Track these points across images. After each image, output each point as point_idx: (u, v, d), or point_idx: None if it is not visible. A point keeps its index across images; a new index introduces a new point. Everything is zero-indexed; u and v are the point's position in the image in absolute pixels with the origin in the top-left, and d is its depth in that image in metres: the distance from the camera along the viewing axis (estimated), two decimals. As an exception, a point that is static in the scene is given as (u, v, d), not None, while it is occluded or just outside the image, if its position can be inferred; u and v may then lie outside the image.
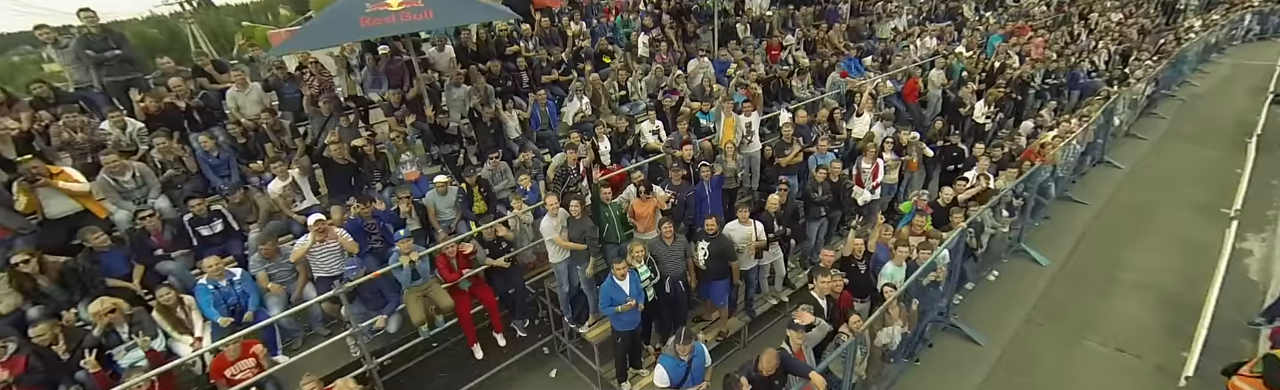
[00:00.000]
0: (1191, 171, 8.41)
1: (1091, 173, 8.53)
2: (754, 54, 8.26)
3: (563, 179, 4.59)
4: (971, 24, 12.11)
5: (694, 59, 7.43)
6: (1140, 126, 10.46)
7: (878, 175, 5.89)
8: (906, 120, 8.86)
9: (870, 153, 5.83)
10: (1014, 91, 9.21)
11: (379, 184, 4.75)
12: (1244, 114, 10.53)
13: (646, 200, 4.54)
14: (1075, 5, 15.03)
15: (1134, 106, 9.73)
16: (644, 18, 8.40)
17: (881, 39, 10.79)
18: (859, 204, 5.99)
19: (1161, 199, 7.56)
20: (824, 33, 9.75)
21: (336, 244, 3.88)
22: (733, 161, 5.39)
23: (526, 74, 6.48)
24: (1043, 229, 6.89)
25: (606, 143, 5.62)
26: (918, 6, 12.98)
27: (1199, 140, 9.73)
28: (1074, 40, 12.49)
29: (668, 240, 4.13)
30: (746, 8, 10.02)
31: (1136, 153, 9.31)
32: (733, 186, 5.52)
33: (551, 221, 4.08)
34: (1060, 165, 6.94)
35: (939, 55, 9.69)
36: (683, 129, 5.49)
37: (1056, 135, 6.96)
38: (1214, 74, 14.19)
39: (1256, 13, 16.33)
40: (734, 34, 9.01)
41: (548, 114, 5.92)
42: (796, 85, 7.97)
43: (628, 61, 7.21)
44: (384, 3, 4.21)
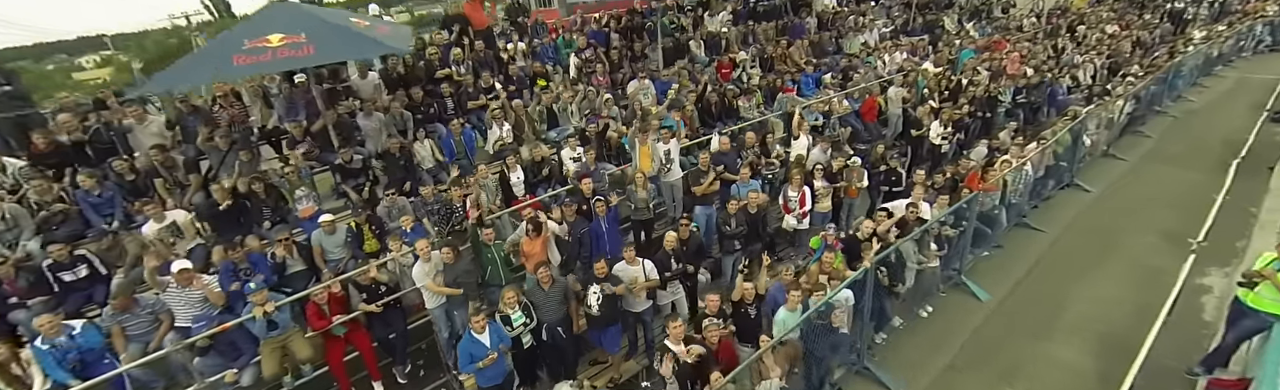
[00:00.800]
0: (1166, 196, 8.14)
1: (1058, 197, 8.31)
2: (702, 73, 8.20)
3: (448, 218, 4.54)
4: (948, 38, 11.96)
5: (634, 80, 7.40)
6: (1122, 146, 10.19)
7: (805, 204, 5.78)
8: (865, 140, 8.75)
9: (795, 180, 5.72)
10: (979, 110, 9.06)
11: (268, 223, 4.74)
12: (1237, 133, 10.23)
13: (535, 239, 4.47)
14: (1065, 17, 14.76)
15: (1111, 126, 9.48)
16: (588, 37, 8.40)
17: (848, 54, 10.71)
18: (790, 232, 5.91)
19: (1126, 226, 7.32)
20: (783, 49, 9.69)
21: (200, 292, 3.86)
22: (644, 192, 5.32)
23: (452, 100, 6.49)
24: (992, 259, 6.68)
25: (519, 173, 5.58)
26: (893, 19, 12.89)
27: (1182, 161, 9.44)
28: (1058, 54, 12.30)
29: (544, 285, 4.06)
30: (703, 24, 10.02)
31: (1111, 175, 9.05)
32: (646, 217, 5.43)
33: (423, 267, 4.03)
34: (1011, 192, 6.76)
35: (903, 71, 9.56)
36: (590, 159, 5.42)
37: (1005, 160, 6.79)
38: (1214, 88, 13.84)
39: (1268, 23, 15.91)
40: (686, 52, 8.98)
41: (464, 143, 5.90)
42: (744, 105, 7.90)
43: (565, 84, 7.21)
44: (264, 39, 4.25)
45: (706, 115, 7.47)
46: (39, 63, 59.17)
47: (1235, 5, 18.03)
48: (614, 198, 4.95)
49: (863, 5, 13.04)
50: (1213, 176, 8.56)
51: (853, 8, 12.77)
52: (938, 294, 5.99)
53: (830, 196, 6.02)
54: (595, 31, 8.59)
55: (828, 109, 8.13)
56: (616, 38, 8.71)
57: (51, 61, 60.11)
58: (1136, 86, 10.07)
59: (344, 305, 4.13)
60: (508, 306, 3.93)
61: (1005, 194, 6.63)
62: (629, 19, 9.19)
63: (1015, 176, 6.75)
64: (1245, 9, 17.39)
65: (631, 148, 5.60)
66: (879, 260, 4.64)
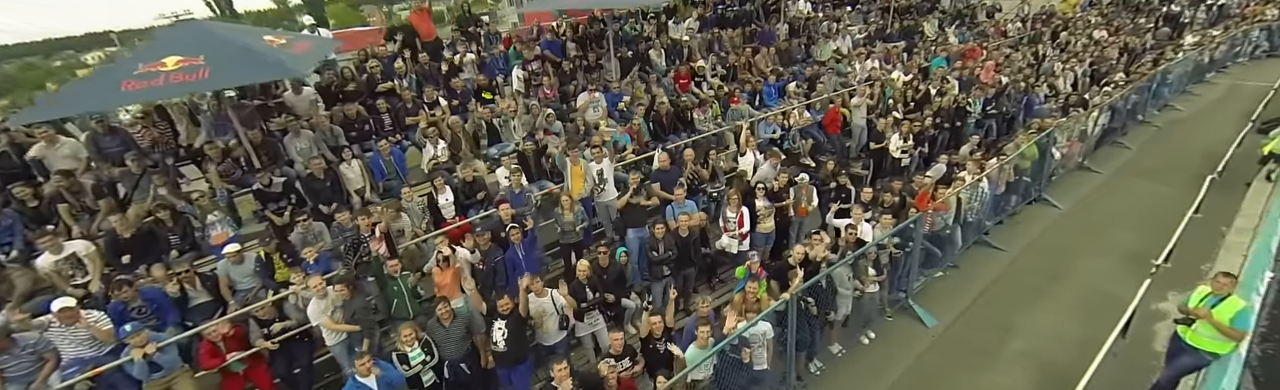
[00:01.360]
0: (1136, 213, 7.97)
1: (1025, 212, 8.15)
2: (659, 83, 8.06)
3: (354, 248, 4.42)
4: (924, 45, 11.77)
5: (584, 93, 7.27)
6: (1099, 158, 10.02)
7: (744, 224, 5.63)
8: (827, 152, 8.59)
9: (733, 200, 5.58)
10: (945, 122, 8.89)
11: (176, 251, 4.63)
12: (1220, 144, 9.97)
13: (445, 270, 4.35)
14: (1049, 23, 14.51)
15: (1085, 138, 9.29)
16: (542, 46, 8.27)
17: (818, 62, 10.55)
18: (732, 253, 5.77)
19: (1089, 246, 7.16)
20: (748, 57, 9.53)
21: (85, 331, 3.75)
22: (571, 215, 5.19)
23: (390, 116, 6.36)
24: (946, 280, 6.54)
25: (448, 194, 5.46)
26: (870, 25, 12.70)
27: (1158, 175, 9.26)
28: (1039, 61, 12.10)
29: (444, 321, 3.94)
30: (667, 31, 9.86)
31: (1083, 189, 8.89)
32: (574, 240, 5.30)
33: (319, 304, 3.92)
34: (967, 210, 6.60)
35: (869, 80, 9.38)
36: (516, 180, 5.28)
37: (959, 176, 6.63)
38: (1205, 96, 13.62)
39: (1265, 28, 15.63)
40: (646, 61, 8.84)
41: (393, 163, 5.77)
42: (699, 117, 7.75)
43: (511, 97, 7.07)
44: (159, 62, 4.13)
45: (659, 128, 7.33)
46: (47, 58, 59.94)
47: (1234, 9, 17.74)
48: (530, 221, 4.81)
49: (839, 10, 12.84)
50: (1188, 191, 8.31)
51: (828, 13, 12.58)
52: (883, 319, 5.87)
53: (773, 216, 5.87)
54: (550, 41, 8.45)
55: (786, 121, 7.99)
56: (573, 47, 8.57)
57: (59, 57, 60.83)
58: (1113, 97, 9.89)
59: (243, 341, 4.03)
60: (405, 344, 3.82)
61: (960, 212, 6.49)
62: (588, 27, 9.04)
63: (971, 194, 6.60)
64: (1244, 13, 17.13)
65: (562, 168, 5.47)
66: (807, 288, 4.51)
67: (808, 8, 12.46)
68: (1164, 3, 18.25)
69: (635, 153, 6.67)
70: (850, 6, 13.27)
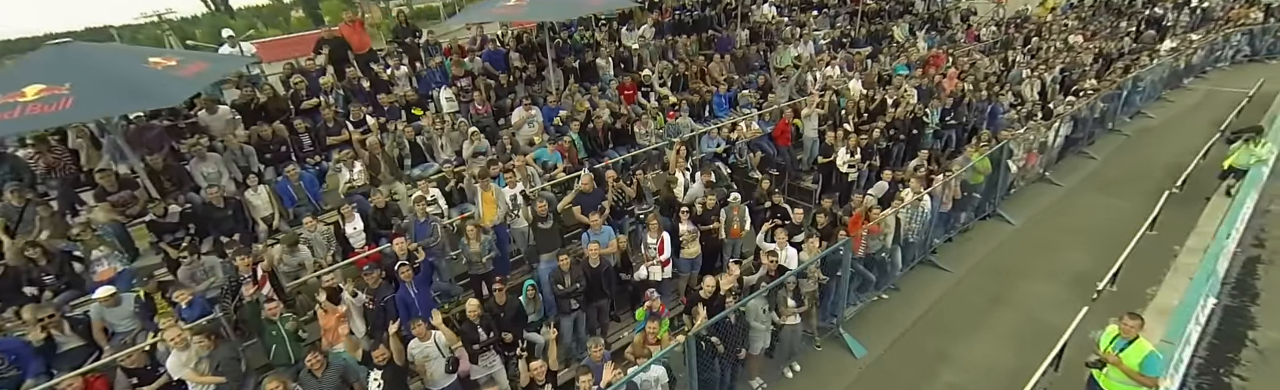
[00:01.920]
0: (1090, 229, 7.78)
1: (977, 229, 7.96)
2: (601, 95, 7.80)
3: (233, 291, 4.17)
4: (890, 50, 11.50)
5: (519, 108, 7.01)
6: (1062, 169, 9.83)
7: (664, 251, 5.42)
8: (777, 165, 8.37)
9: (653, 225, 5.36)
10: (900, 133, 8.67)
11: (49, 292, 4.38)
12: (1187, 155, 9.79)
13: (329, 312, 4.14)
14: (1022, 29, 14.21)
15: (1045, 149, 9.08)
16: (484, 58, 7.98)
17: (777, 69, 10.28)
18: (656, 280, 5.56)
19: (1037, 266, 6.98)
20: (701, 65, 9.25)
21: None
22: (477, 245, 4.96)
23: (309, 135, 6.10)
24: (884, 304, 6.36)
25: (357, 222, 5.23)
26: (838, 29, 12.39)
27: (1119, 188, 9.08)
28: (1008, 68, 11.85)
29: (316, 371, 3.73)
30: (620, 39, 9.59)
31: (1040, 203, 8.69)
32: (482, 271, 5.07)
33: (179, 357, 3.70)
34: (907, 230, 6.40)
35: (824, 89, 9.12)
36: (419, 210, 5.04)
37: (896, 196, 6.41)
38: (1180, 102, 13.42)
39: (1246, 32, 15.38)
40: (593, 71, 8.57)
41: (303, 188, 5.51)
42: (640, 132, 7.50)
43: (438, 115, 6.81)
44: (19, 92, 3.87)
45: (595, 144, 7.09)
46: None
47: (1217, 12, 17.48)
48: (421, 254, 4.54)
49: (804, 14, 12.54)
50: (1147, 206, 8.11)
51: (794, 17, 12.29)
52: (812, 348, 5.68)
53: (698, 240, 5.66)
54: (492, 52, 8.16)
55: (733, 134, 7.75)
56: (516, 58, 8.29)
57: None
58: (1076, 107, 9.67)
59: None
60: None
61: (899, 233, 6.28)
62: (535, 36, 8.76)
63: (911, 214, 6.40)
64: (1229, 15, 16.86)
65: (471, 194, 5.24)
66: (713, 324, 4.32)
67: (772, 12, 12.18)
68: (1147, 5, 18.01)
69: (568, 171, 6.44)
70: (817, 10, 12.97)
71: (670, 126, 7.31)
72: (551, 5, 6.26)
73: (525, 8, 6.26)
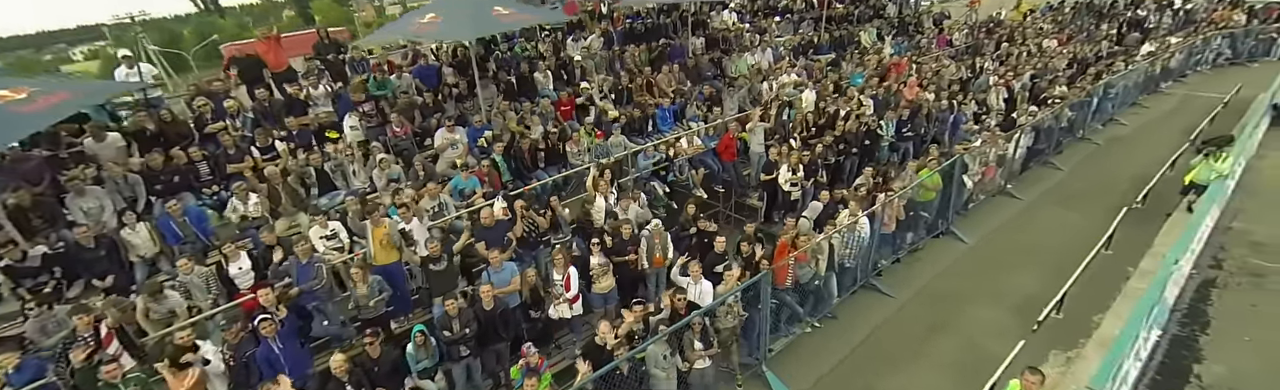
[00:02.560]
0: (1045, 249, 7.46)
1: (928, 247, 7.64)
2: (532, 113, 7.46)
3: (63, 354, 3.77)
4: (852, 58, 11.17)
5: (442, 129, 6.66)
6: (1025, 181, 9.52)
7: (571, 287, 5.09)
8: (722, 181, 8.05)
9: (558, 260, 5.03)
10: (854, 147, 8.34)
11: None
12: (1153, 166, 9.50)
13: (178, 375, 3.77)
14: (993, 33, 13.87)
15: (1004, 162, 8.76)
16: (414, 73, 7.63)
17: (730, 78, 9.93)
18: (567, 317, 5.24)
19: (985, 290, 6.66)
20: (648, 76, 8.89)
21: None
22: (364, 287, 4.63)
23: (207, 164, 5.73)
24: (817, 335, 6.02)
25: (243, 261, 4.87)
26: (801, 35, 12.03)
27: (1082, 202, 8.77)
28: (976, 75, 11.52)
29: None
30: (566, 50, 9.25)
31: (998, 219, 8.38)
32: (374, 315, 4.73)
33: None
34: (843, 256, 6.08)
35: (774, 100, 8.76)
36: (304, 249, 4.70)
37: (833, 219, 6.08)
38: (1156, 108, 13.13)
39: (1227, 35, 15.08)
40: (532, 86, 8.24)
41: (189, 224, 5.15)
42: (573, 151, 7.17)
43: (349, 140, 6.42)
44: None
45: (522, 165, 6.76)
46: (39, 52, 58.63)
47: (1200, 14, 17.17)
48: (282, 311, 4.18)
49: (766, 20, 12.20)
50: (1107, 222, 7.83)
51: (755, 24, 11.96)
52: (733, 388, 5.36)
53: (611, 273, 5.33)
54: (424, 67, 7.81)
55: (672, 152, 7.43)
56: (450, 73, 7.94)
57: (51, 51, 59.45)
58: (1038, 117, 9.35)
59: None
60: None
61: (833, 260, 5.97)
62: (478, 48, 8.40)
63: (847, 238, 6.07)
64: (1212, 18, 16.57)
65: (359, 232, 4.90)
66: (605, 374, 4.00)
67: (732, 18, 11.84)
68: (1129, 7, 17.71)
69: (489, 197, 6.06)
70: (780, 16, 12.63)
71: (598, 147, 6.93)
72: (467, 22, 5.89)
73: (439, 25, 5.92)
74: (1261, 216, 8.05)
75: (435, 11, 6.15)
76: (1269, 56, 15.02)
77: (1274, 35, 14.71)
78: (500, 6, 6.33)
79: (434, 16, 6.05)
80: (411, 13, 6.75)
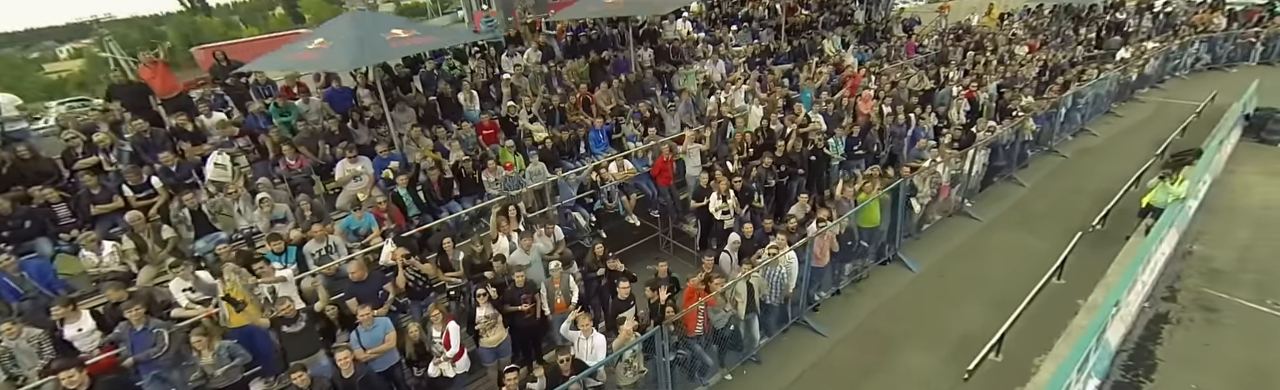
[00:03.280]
0: (996, 278, 7.08)
1: (875, 277, 7.26)
2: (452, 139, 7.03)
3: None
4: (808, 69, 10.73)
5: (343, 160, 6.22)
6: (985, 199, 9.15)
7: (451, 345, 4.66)
8: (659, 206, 7.65)
9: (435, 316, 4.60)
10: (799, 167, 7.91)
11: None
12: (1120, 182, 9.12)
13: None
14: (961, 40, 13.43)
15: (959, 181, 8.37)
16: (325, 97, 7.18)
17: (677, 92, 9.45)
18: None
19: (926, 327, 6.28)
20: (583, 93, 8.45)
21: None
22: (209, 355, 4.12)
23: (67, 206, 5.26)
24: (734, 383, 5.60)
25: (85, 322, 4.36)
26: (755, 44, 11.54)
27: (1040, 224, 8.40)
28: (941, 85, 11.12)
29: None
30: (499, 67, 8.80)
31: (951, 243, 8.00)
32: (223, 385, 4.27)
33: None
34: (763, 295, 5.68)
35: (718, 118, 8.33)
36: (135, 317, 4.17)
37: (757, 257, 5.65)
38: (1129, 117, 12.77)
39: (1206, 40, 14.71)
40: (454, 108, 7.80)
41: (27, 278, 4.62)
42: (489, 180, 6.74)
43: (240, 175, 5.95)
44: None
45: (431, 198, 6.33)
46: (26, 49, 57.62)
47: (1181, 17, 16.80)
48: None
49: (720, 30, 11.75)
50: (1061, 247, 7.47)
51: (711, 33, 11.52)
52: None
53: (502, 324, 4.91)
54: (336, 90, 7.37)
55: (599, 177, 7.01)
56: (366, 95, 7.51)
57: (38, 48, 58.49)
58: (997, 133, 8.95)
59: None
60: None
61: (753, 302, 5.57)
62: (398, 68, 7.98)
63: (769, 275, 5.66)
64: (1193, 21, 16.20)
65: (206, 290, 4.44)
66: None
67: (687, 28, 11.41)
68: (1108, 11, 17.33)
69: (394, 234, 5.64)
70: (735, 25, 12.19)
71: (508, 179, 6.48)
72: (354, 49, 5.41)
73: (324, 53, 5.45)
74: (1223, 239, 7.69)
75: (325, 36, 5.69)
76: (1248, 61, 14.66)
77: (1252, 40, 14.32)
78: (399, 29, 5.87)
79: (322, 42, 5.59)
80: (300, 39, 6.24)
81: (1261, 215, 8.31)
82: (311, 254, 5.24)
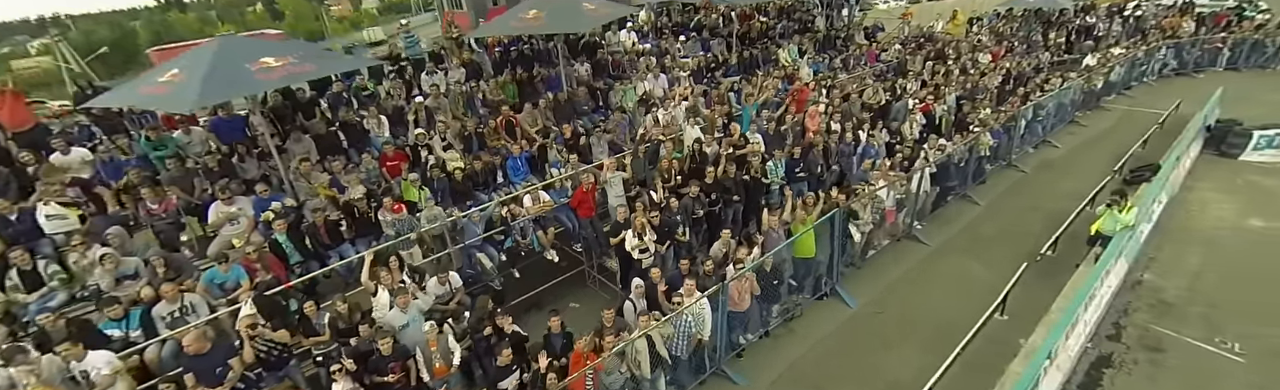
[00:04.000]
0: (936, 314, 6.67)
1: (809, 314, 6.81)
2: (351, 172, 6.50)
3: None
4: (758, 82, 10.23)
5: (216, 202, 5.66)
6: (938, 220, 8.78)
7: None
8: (582, 239, 7.15)
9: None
10: (734, 194, 7.43)
11: None
12: (1075, 200, 8.76)
13: None
14: (922, 49, 12.98)
15: (908, 203, 7.96)
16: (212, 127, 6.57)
17: (615, 111, 8.93)
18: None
19: (850, 376, 5.84)
20: (506, 116, 7.90)
21: None
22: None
23: None
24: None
25: None
26: (697, 57, 10.98)
27: (989, 248, 8.02)
28: (897, 98, 10.68)
29: None
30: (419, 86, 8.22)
31: (895, 272, 7.57)
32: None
33: None
34: (669, 343, 5.20)
35: (642, 142, 7.80)
36: None
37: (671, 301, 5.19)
38: (1093, 126, 12.47)
39: (1172, 45, 14.43)
40: (360, 136, 7.23)
41: None
42: (386, 220, 6.20)
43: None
44: None
45: (317, 243, 5.78)
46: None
47: (1151, 21, 16.53)
48: None
49: (673, 40, 11.22)
50: (1009, 276, 7.06)
51: (658, 45, 10.99)
52: None
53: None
54: (224, 119, 6.77)
55: (504, 210, 6.49)
56: (260, 123, 6.91)
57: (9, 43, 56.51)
58: (947, 151, 8.54)
59: None
60: None
61: (657, 358, 5.10)
62: (301, 91, 7.39)
63: (677, 326, 5.18)
64: (1162, 24, 15.95)
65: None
66: None
67: (631, 39, 10.88)
68: (1079, 14, 17.03)
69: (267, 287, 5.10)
70: (683, 35, 11.66)
71: (399, 222, 5.94)
72: (199, 85, 4.75)
73: (173, 87, 4.86)
74: (1174, 265, 7.37)
75: (181, 66, 5.10)
76: (1215, 67, 14.40)
77: (1219, 45, 14.05)
78: (270, 57, 5.30)
79: (175, 74, 5.01)
80: (153, 70, 5.61)
81: (1214, 237, 8.02)
82: (162, 317, 4.70)
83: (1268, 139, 9.75)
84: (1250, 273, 7.11)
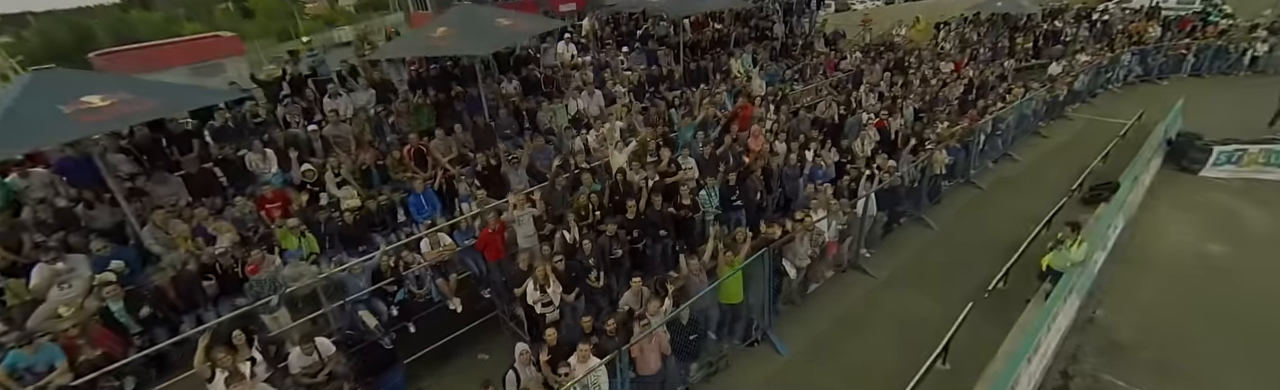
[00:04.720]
0: (870, 364, 6.06)
1: (736, 363, 6.18)
2: (244, 209, 5.73)
3: None
4: (699, 99, 9.57)
5: (41, 263, 4.82)
6: (887, 247, 8.20)
7: None
8: (490, 283, 6.48)
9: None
10: (661, 229, 6.77)
11: None
12: (1031, 223, 8.22)
13: None
14: (882, 58, 12.38)
15: (848, 234, 7.38)
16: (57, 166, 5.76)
17: (546, 133, 8.21)
18: None
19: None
20: (417, 144, 7.13)
21: None
22: None
23: None
24: None
25: None
26: (654, 68, 10.31)
27: (936, 281, 7.45)
28: (852, 112, 10.09)
29: None
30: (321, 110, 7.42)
31: (836, 311, 6.97)
32: None
33: None
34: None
35: (568, 172, 7.11)
36: None
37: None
38: (1055, 138, 12.05)
39: (1136, 52, 14.04)
40: (242, 173, 6.44)
41: None
42: (255, 278, 5.45)
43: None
44: None
45: (169, 308, 5.03)
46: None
47: (1117, 25, 16.15)
48: None
49: (616, 51, 10.49)
50: (957, 311, 6.51)
51: (598, 58, 10.26)
52: None
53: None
54: (70, 160, 5.79)
55: (400, 262, 5.79)
56: (126, 160, 6.12)
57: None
58: (898, 174, 7.97)
59: None
60: None
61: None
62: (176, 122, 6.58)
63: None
64: (1128, 29, 15.60)
65: None
66: None
67: (570, 52, 10.14)
68: (1047, 19, 16.60)
69: (92, 367, 4.36)
70: (627, 46, 10.94)
71: (258, 283, 5.19)
72: (5, 131, 4.03)
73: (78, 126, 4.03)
74: (1128, 298, 6.90)
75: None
76: (1179, 73, 14.03)
77: (1183, 52, 13.66)
78: (95, 96, 4.53)
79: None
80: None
81: (1171, 264, 7.58)
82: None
83: (1227, 155, 9.34)
84: (1206, 306, 6.66)
